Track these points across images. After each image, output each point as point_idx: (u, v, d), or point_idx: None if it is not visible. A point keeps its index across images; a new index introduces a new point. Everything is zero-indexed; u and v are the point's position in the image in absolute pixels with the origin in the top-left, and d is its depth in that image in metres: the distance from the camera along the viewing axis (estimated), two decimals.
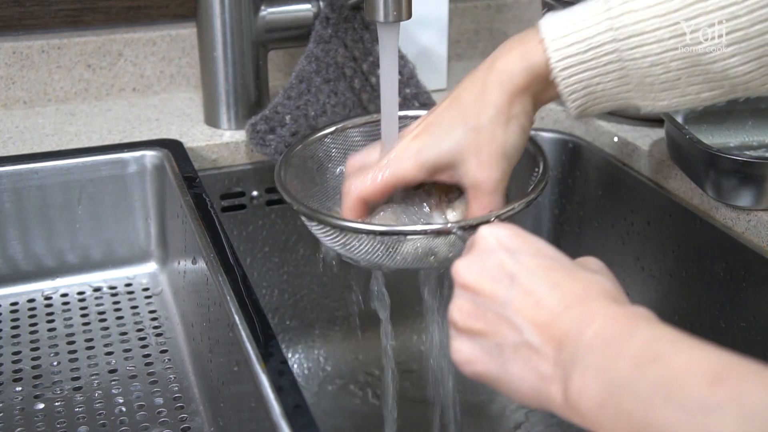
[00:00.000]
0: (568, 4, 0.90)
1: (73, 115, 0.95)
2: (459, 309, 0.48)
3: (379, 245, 0.62)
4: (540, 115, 0.97)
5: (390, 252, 0.63)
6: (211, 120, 0.92)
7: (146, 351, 0.76)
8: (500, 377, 0.46)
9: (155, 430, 0.67)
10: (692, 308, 0.81)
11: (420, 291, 0.74)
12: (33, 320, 0.79)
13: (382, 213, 0.67)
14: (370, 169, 0.65)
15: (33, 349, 0.75)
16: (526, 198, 0.64)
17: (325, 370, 0.99)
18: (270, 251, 0.94)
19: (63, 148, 0.86)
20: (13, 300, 0.82)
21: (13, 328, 0.78)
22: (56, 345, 0.76)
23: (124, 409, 0.69)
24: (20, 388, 0.71)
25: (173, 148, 0.85)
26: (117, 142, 0.88)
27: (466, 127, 0.62)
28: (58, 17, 0.98)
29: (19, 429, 0.66)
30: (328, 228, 0.64)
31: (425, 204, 0.68)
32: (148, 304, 0.82)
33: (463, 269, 0.49)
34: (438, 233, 0.60)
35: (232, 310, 0.60)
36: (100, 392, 0.71)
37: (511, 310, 0.46)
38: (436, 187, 0.68)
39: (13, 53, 0.95)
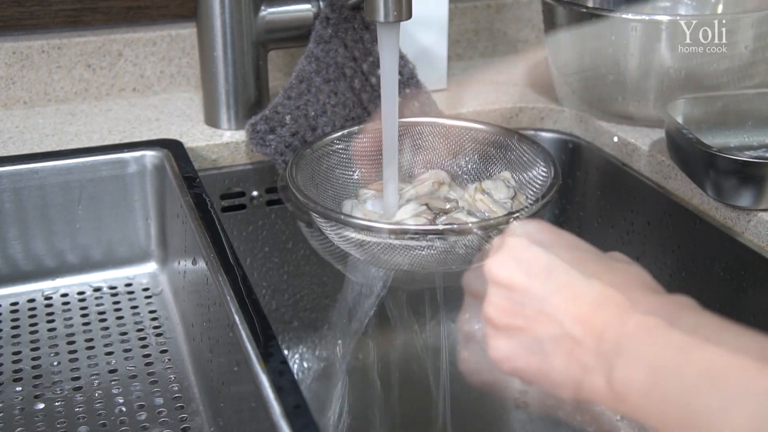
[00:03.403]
0: (568, 3, 0.90)
1: (73, 115, 0.95)
2: (494, 306, 0.47)
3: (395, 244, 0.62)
4: (540, 116, 0.98)
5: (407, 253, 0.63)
6: (211, 120, 0.92)
7: (146, 351, 0.76)
8: (540, 372, 0.46)
9: (155, 430, 0.67)
10: None
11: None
12: (33, 320, 0.79)
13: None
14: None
15: (33, 349, 0.75)
16: (542, 201, 0.65)
17: (326, 370, 0.99)
18: (270, 251, 0.94)
19: (63, 148, 0.86)
20: (13, 300, 0.82)
21: (13, 328, 0.78)
22: (56, 345, 0.76)
23: (124, 409, 0.69)
24: (20, 388, 0.71)
25: (173, 148, 0.85)
26: (117, 142, 0.88)
27: None
28: (58, 17, 0.98)
29: (19, 429, 0.66)
30: (340, 226, 0.65)
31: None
32: (148, 304, 0.82)
33: (496, 266, 0.48)
34: (458, 233, 0.60)
35: (232, 310, 0.60)
36: (100, 392, 0.71)
37: (549, 304, 0.45)
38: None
39: (13, 53, 0.95)
